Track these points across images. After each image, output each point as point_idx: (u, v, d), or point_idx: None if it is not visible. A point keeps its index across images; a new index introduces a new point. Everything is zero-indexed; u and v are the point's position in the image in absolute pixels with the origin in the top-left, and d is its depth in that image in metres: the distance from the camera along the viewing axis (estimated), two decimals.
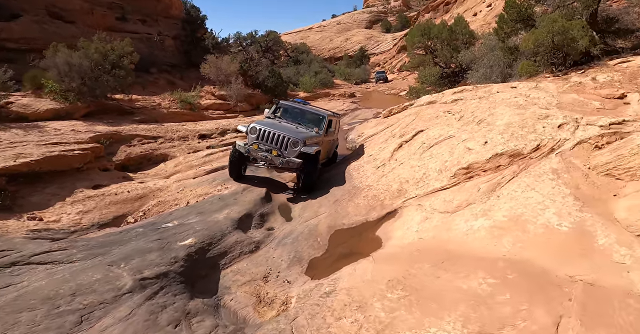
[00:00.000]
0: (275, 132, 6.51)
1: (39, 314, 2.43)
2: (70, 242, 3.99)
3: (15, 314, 2.40)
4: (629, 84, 7.90)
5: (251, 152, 6.36)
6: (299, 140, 6.51)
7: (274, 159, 6.34)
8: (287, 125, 7.30)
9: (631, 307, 2.32)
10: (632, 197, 3.55)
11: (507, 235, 3.53)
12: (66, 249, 3.62)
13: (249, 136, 6.57)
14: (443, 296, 2.78)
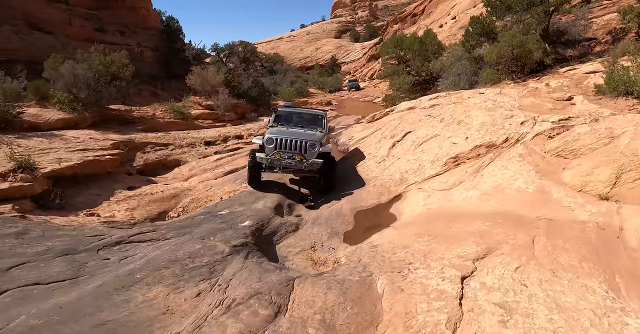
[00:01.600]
0: (292, 139, 6.94)
1: (176, 270, 3.52)
2: (153, 226, 5.07)
3: (156, 271, 3.43)
4: (575, 88, 9.96)
5: (274, 161, 6.77)
6: (315, 142, 7.02)
7: (298, 164, 6.78)
8: (295, 130, 7.70)
9: (575, 228, 3.88)
10: (574, 169, 5.23)
11: (492, 198, 5.09)
12: (155, 230, 4.71)
13: (267, 147, 6.89)
14: (457, 235, 4.24)
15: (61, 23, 18.77)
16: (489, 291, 2.77)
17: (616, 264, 3.11)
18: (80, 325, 2.44)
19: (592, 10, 15.91)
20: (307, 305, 2.77)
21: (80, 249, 3.82)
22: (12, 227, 4.20)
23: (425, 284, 2.98)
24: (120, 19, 21.32)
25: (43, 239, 4.03)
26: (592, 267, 3.05)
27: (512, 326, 2.33)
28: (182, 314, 2.58)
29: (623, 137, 5.44)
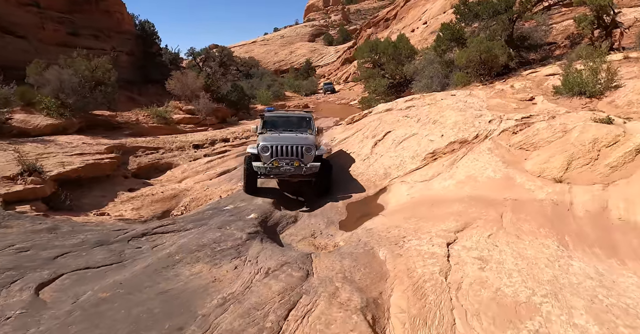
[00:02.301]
0: (287, 145, 6.97)
1: (207, 252, 4.05)
2: (171, 220, 5.59)
3: (191, 254, 3.91)
4: (537, 89, 11.15)
5: (272, 169, 6.80)
6: (310, 146, 7.08)
7: (297, 170, 6.83)
8: (287, 135, 7.73)
9: (534, 205, 4.77)
10: (534, 158, 6.19)
11: (466, 185, 5.96)
12: (174, 223, 5.25)
13: (262, 156, 6.87)
14: (440, 216, 5.05)
15: (34, 27, 18.58)
16: (469, 251, 3.56)
17: (566, 229, 4.00)
18: (146, 294, 3.01)
19: (552, 16, 17.56)
20: (328, 269, 3.45)
21: (111, 240, 4.33)
22: (42, 224, 4.65)
23: (419, 250, 3.74)
24: (94, 22, 21.24)
25: (74, 233, 4.51)
26: (548, 231, 3.92)
27: (488, 270, 3.11)
28: (229, 281, 3.19)
29: (574, 131, 6.46)
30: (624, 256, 3.45)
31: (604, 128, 6.26)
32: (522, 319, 2.45)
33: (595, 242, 3.71)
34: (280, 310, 2.66)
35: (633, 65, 10.62)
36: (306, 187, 7.87)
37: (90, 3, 21.54)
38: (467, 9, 15.15)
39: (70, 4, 20.91)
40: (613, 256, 3.44)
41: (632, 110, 7.49)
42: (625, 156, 5.49)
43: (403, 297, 2.88)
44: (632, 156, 5.48)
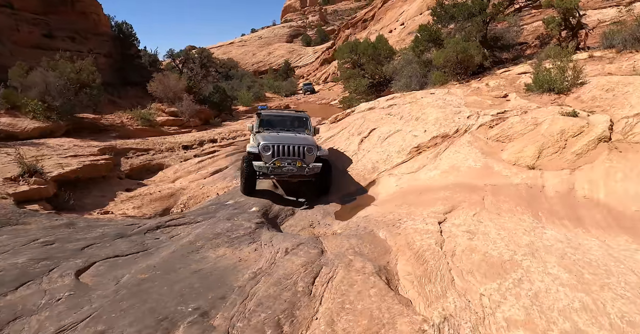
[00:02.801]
0: (289, 145, 6.93)
1: (224, 238, 4.43)
2: (180, 214, 5.92)
3: (210, 241, 4.29)
4: (510, 87, 12.00)
5: (275, 169, 6.74)
6: (312, 146, 7.10)
7: (299, 170, 6.80)
8: (287, 134, 7.72)
9: (511, 189, 5.40)
10: (509, 149, 6.87)
11: (450, 174, 6.57)
12: (184, 217, 5.60)
13: (264, 155, 6.78)
14: (429, 201, 5.61)
15: (7, 29, 18.23)
16: (458, 226, 4.12)
17: (539, 206, 4.63)
18: (182, 274, 3.39)
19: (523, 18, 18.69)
20: (339, 247, 3.93)
21: (129, 233, 4.66)
22: (58, 220, 4.92)
23: (414, 228, 4.27)
24: (70, 24, 20.94)
25: (91, 228, 4.80)
26: (524, 209, 4.54)
27: (476, 240, 3.67)
28: (253, 260, 3.61)
29: (544, 124, 7.20)
30: (588, 225, 4.09)
31: (570, 120, 7.03)
32: (508, 272, 3.00)
33: (564, 216, 4.35)
34: (306, 278, 3.11)
35: (597, 64, 11.61)
36: (305, 187, 7.91)
37: (66, 4, 21.24)
38: (444, 11, 16.00)
39: (45, 5, 20.57)
40: (579, 226, 4.08)
41: (595, 104, 8.32)
42: (588, 144, 6.24)
43: (407, 264, 3.39)
44: (595, 144, 6.24)
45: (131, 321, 2.52)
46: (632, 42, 11.86)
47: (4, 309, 2.69)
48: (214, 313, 2.61)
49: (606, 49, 12.59)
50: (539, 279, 2.84)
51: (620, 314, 2.46)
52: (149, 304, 2.76)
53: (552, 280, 2.81)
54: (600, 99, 8.45)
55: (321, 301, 2.77)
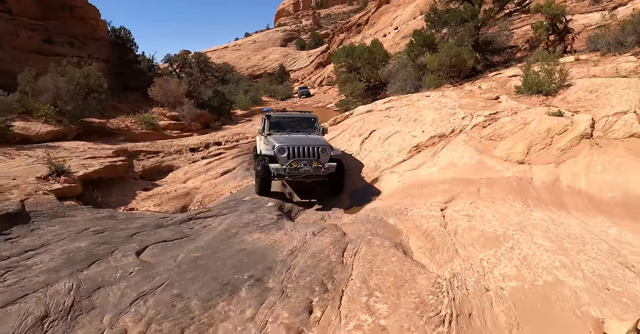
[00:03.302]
0: (304, 146, 7.14)
1: (254, 227, 5.00)
2: (205, 208, 6.53)
3: (242, 228, 4.92)
4: (501, 89, 12.81)
5: (292, 171, 6.93)
6: (326, 146, 7.35)
7: (315, 170, 7.00)
8: (298, 136, 7.96)
9: (503, 181, 6.13)
10: (501, 147, 7.62)
11: (448, 170, 7.28)
12: (210, 210, 6.22)
13: (279, 157, 6.98)
14: (430, 194, 6.31)
15: (7, 34, 18.63)
16: (458, 212, 4.82)
17: (528, 195, 5.35)
18: (229, 252, 4.02)
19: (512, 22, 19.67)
20: (357, 231, 4.59)
21: (166, 224, 5.26)
22: (100, 213, 5.51)
23: (420, 214, 4.96)
24: (68, 30, 21.40)
25: (130, 219, 5.40)
26: (514, 197, 5.25)
27: (474, 221, 4.36)
28: (286, 241, 4.25)
29: (532, 123, 7.96)
30: (570, 209, 4.81)
31: (556, 120, 7.80)
32: (501, 242, 3.69)
33: (549, 202, 5.07)
34: (336, 252, 3.76)
35: (583, 66, 12.47)
36: (319, 187, 8.17)
37: (64, 10, 21.71)
38: (437, 16, 16.87)
39: (44, 11, 21.03)
40: (562, 210, 4.80)
41: (580, 104, 9.11)
42: (572, 141, 7.00)
43: (418, 241, 4.06)
44: (578, 141, 7.00)
45: (200, 286, 3.14)
46: (615, 45, 12.75)
47: (86, 281, 3.29)
48: (266, 279, 3.25)
49: (591, 52, 13.48)
50: (527, 247, 3.53)
51: (592, 270, 3.16)
52: (210, 274, 3.39)
53: (537, 247, 3.51)
54: (584, 100, 9.24)
55: (352, 267, 3.43)
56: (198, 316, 2.65)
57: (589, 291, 2.86)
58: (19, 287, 3.04)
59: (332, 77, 32.64)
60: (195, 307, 2.76)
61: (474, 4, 16.69)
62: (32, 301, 2.82)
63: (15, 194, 5.14)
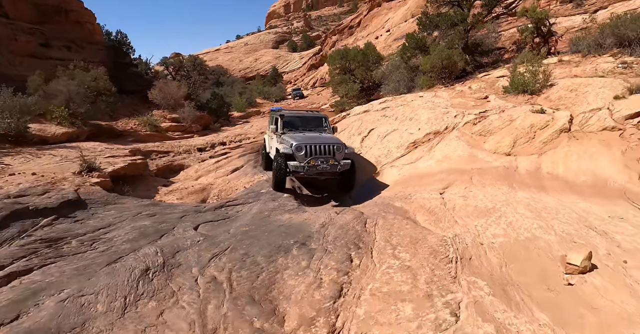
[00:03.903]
0: (321, 144, 7.52)
1: (282, 211, 5.89)
2: (231, 199, 7.37)
3: (273, 211, 5.82)
4: (490, 89, 13.91)
5: (310, 168, 7.27)
6: (341, 145, 7.78)
7: (332, 168, 7.38)
8: (313, 134, 8.35)
9: (492, 170, 7.14)
10: (490, 141, 8.66)
11: (444, 162, 8.28)
12: (236, 199, 7.08)
13: (297, 155, 7.32)
14: (429, 182, 7.28)
15: (5, 38, 19.12)
16: (454, 194, 5.80)
17: (513, 180, 6.36)
18: (270, 227, 4.92)
19: (500, 24, 20.91)
20: (371, 211, 5.55)
21: (203, 210, 6.13)
22: (144, 201, 6.37)
23: (423, 198, 5.93)
24: (65, 33, 21.93)
25: (171, 207, 6.26)
26: (501, 182, 6.26)
27: (468, 199, 5.34)
28: (315, 219, 5.18)
29: (518, 120, 9.02)
30: (549, 190, 5.83)
31: (539, 116, 8.87)
32: (491, 213, 4.67)
33: (531, 185, 6.09)
34: (359, 225, 4.70)
35: (565, 67, 13.67)
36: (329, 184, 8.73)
37: (60, 14, 22.24)
38: (428, 20, 18.01)
39: (40, 15, 21.53)
40: (542, 191, 5.81)
41: (561, 102, 10.22)
42: (552, 134, 8.06)
43: (424, 215, 5.02)
44: (557, 135, 8.06)
45: (259, 248, 4.04)
46: (595, 47, 13.99)
47: (165, 247, 4.15)
48: (308, 243, 4.17)
49: (573, 54, 14.71)
50: (512, 216, 4.51)
51: (562, 230, 4.15)
52: (263, 241, 4.29)
53: (520, 216, 4.49)
54: (565, 98, 10.37)
55: (375, 233, 4.36)
56: (265, 267, 3.55)
57: (559, 243, 3.84)
58: (112, 252, 3.89)
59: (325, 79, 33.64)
60: (261, 261, 3.65)
61: (464, 8, 17.91)
62: (130, 260, 3.68)
63: (66, 186, 5.93)
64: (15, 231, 4.08)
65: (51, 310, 2.77)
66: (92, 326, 2.66)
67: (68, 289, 3.06)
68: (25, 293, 2.97)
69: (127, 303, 2.96)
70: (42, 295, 2.97)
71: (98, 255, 3.81)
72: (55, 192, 5.37)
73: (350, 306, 2.96)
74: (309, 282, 3.30)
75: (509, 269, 3.42)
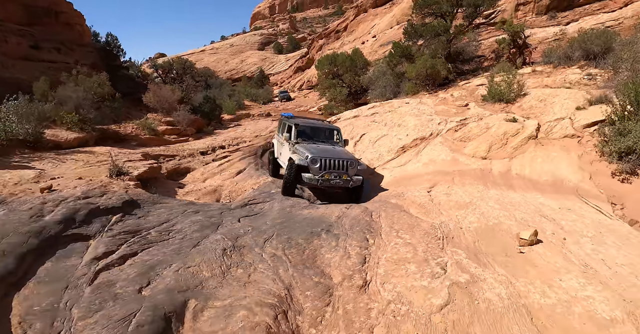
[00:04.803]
0: (336, 159, 7.96)
1: (299, 208, 7.22)
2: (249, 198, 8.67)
3: (292, 207, 7.15)
4: (470, 97, 15.64)
5: (324, 182, 7.75)
6: (354, 161, 8.32)
7: (345, 183, 7.90)
8: (327, 147, 8.82)
9: (470, 171, 8.71)
10: (469, 146, 10.27)
11: (430, 165, 9.84)
12: (255, 198, 8.39)
13: (312, 167, 7.77)
14: (417, 182, 8.80)
15: None
16: (440, 192, 7.33)
17: (487, 180, 7.94)
18: (297, 219, 6.29)
19: (480, 33, 22.88)
20: (373, 206, 7.00)
21: (232, 208, 7.42)
22: (182, 201, 7.63)
23: (414, 195, 7.43)
24: (55, 35, 22.54)
25: (205, 205, 7.54)
26: (478, 182, 7.83)
27: (451, 196, 6.87)
28: (330, 213, 6.58)
29: (493, 128, 10.68)
30: (516, 188, 7.42)
31: (511, 125, 10.55)
32: (468, 206, 6.20)
33: (502, 184, 7.67)
34: (367, 216, 6.14)
35: (538, 77, 15.54)
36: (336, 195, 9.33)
37: (50, 15, 22.84)
38: (414, 30, 19.73)
39: (30, 16, 22.09)
40: (510, 189, 7.40)
41: (531, 111, 11.97)
42: (522, 141, 9.71)
43: (416, 209, 6.52)
44: (526, 141, 9.72)
45: (297, 234, 5.43)
46: (564, 59, 15.94)
47: (227, 235, 5.45)
48: (332, 230, 5.58)
49: (546, 65, 16.67)
50: (485, 208, 6.05)
51: (521, 217, 5.71)
52: (297, 229, 5.68)
53: (490, 208, 6.03)
54: (535, 108, 12.13)
55: (380, 222, 5.81)
56: (306, 246, 4.94)
57: (517, 226, 5.38)
58: (189, 238, 5.20)
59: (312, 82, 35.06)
60: (302, 242, 5.03)
61: (447, 20, 19.73)
62: (208, 243, 5.00)
63: (116, 188, 7.13)
64: (99, 226, 5.31)
65: (172, 277, 4.04)
66: (207, 284, 3.97)
67: (175, 264, 4.34)
68: (144, 268, 4.24)
69: (223, 270, 4.27)
70: (158, 268, 4.25)
71: (180, 241, 5.08)
72: (111, 193, 6.57)
73: (373, 268, 4.37)
74: (340, 255, 4.70)
75: (480, 244, 4.91)
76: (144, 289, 3.81)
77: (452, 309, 3.58)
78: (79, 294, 3.64)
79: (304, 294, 3.89)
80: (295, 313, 3.55)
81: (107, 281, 3.90)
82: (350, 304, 3.74)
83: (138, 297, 3.63)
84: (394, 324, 3.45)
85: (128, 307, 3.42)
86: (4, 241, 4.19)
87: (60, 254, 4.43)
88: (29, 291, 3.64)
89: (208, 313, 3.43)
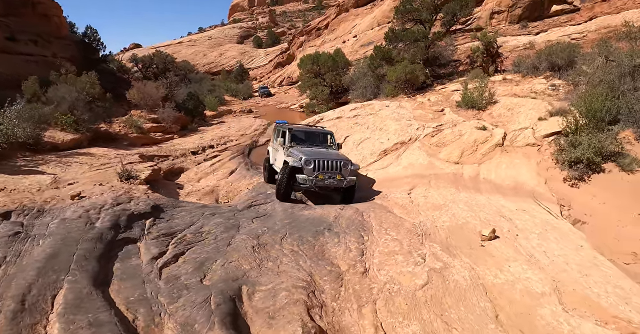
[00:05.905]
0: (329, 160, 8.51)
1: (299, 208, 8.54)
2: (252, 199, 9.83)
3: (293, 208, 8.36)
4: (446, 102, 17.23)
5: (317, 182, 8.24)
6: (347, 162, 8.87)
7: (339, 183, 8.44)
8: (321, 150, 9.40)
9: (445, 175, 10.23)
10: (444, 152, 11.81)
11: (409, 168, 11.33)
12: (257, 199, 9.56)
13: (305, 168, 8.27)
14: (398, 185, 10.26)
15: None
16: (418, 194, 8.81)
17: (459, 184, 9.47)
18: (301, 219, 7.58)
19: (457, 38, 24.60)
20: (363, 207, 8.36)
21: (240, 209, 8.59)
22: (196, 204, 8.74)
23: (396, 197, 8.87)
24: (31, 27, 22.47)
25: (216, 208, 8.67)
26: (451, 185, 9.35)
27: (427, 198, 8.36)
28: (327, 214, 7.90)
29: (465, 135, 12.27)
30: (483, 191, 8.97)
31: (481, 133, 12.15)
32: (442, 208, 7.68)
33: (471, 188, 9.21)
34: (359, 216, 7.51)
35: (508, 85, 17.30)
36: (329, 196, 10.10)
37: (27, 6, 22.72)
38: (394, 35, 21.20)
39: (5, 6, 21.88)
40: (478, 192, 8.94)
41: (499, 119, 13.64)
42: (490, 148, 11.32)
43: (399, 210, 7.94)
44: (493, 148, 11.33)
45: (305, 232, 6.73)
46: (532, 69, 17.76)
47: (250, 234, 6.65)
48: (332, 228, 6.92)
49: (515, 73, 18.47)
50: (455, 209, 7.55)
51: (484, 217, 7.23)
52: (303, 228, 6.98)
53: (460, 209, 7.53)
54: (503, 116, 13.79)
55: (371, 221, 7.19)
56: (315, 243, 6.28)
57: (481, 225, 6.90)
58: (221, 239, 6.40)
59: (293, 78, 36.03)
60: (311, 239, 6.35)
61: (426, 26, 21.29)
62: (238, 242, 6.22)
63: (138, 194, 8.15)
64: (139, 230, 6.42)
65: (221, 270, 5.25)
66: (250, 275, 5.22)
67: (219, 260, 5.55)
68: (196, 264, 5.42)
69: (258, 264, 5.51)
70: (207, 264, 5.44)
71: (215, 241, 6.26)
72: (137, 199, 7.62)
73: (370, 259, 5.75)
74: (343, 249, 6.04)
75: (451, 239, 6.38)
76: (204, 280, 5.00)
77: (430, 287, 5.02)
78: (156, 287, 4.79)
79: (322, 279, 5.20)
80: (320, 292, 4.87)
81: (173, 275, 5.07)
82: (357, 285, 5.10)
83: (203, 286, 4.82)
84: (390, 298, 4.85)
85: (202, 293, 4.60)
86: (79, 247, 5.25)
87: (121, 256, 5.52)
88: (117, 286, 4.76)
89: (258, 295, 4.69)
